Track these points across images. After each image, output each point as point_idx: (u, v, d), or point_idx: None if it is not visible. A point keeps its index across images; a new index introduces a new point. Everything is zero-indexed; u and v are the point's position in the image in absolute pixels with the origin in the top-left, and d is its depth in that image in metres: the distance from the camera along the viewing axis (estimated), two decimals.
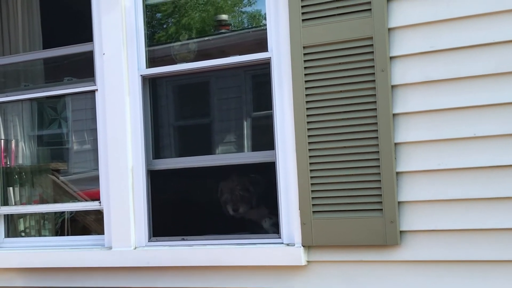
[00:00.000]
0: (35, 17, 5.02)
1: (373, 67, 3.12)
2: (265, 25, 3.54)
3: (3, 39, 4.91)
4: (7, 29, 4.94)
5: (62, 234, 5.53)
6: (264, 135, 3.74)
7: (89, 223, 5.42)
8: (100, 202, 3.89)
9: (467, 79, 2.98)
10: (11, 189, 4.80)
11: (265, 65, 3.51)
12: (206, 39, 4.97)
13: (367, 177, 3.13)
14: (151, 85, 3.88)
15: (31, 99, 4.80)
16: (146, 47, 3.82)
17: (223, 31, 5.07)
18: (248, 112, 5.19)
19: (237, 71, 4.54)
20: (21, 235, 4.92)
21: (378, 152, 3.11)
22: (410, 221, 3.08)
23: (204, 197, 4.27)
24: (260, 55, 3.53)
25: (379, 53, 3.11)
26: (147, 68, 3.81)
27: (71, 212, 5.55)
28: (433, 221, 3.04)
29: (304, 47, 3.26)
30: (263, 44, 3.53)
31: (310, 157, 3.24)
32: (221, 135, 5.27)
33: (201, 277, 3.55)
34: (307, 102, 3.25)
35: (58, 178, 5.60)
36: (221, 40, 5.03)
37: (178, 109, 5.21)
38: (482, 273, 2.96)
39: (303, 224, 3.26)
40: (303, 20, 3.27)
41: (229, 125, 5.31)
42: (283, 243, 3.40)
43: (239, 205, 4.05)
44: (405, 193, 3.09)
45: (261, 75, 3.90)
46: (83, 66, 4.13)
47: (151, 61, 3.89)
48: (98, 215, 4.92)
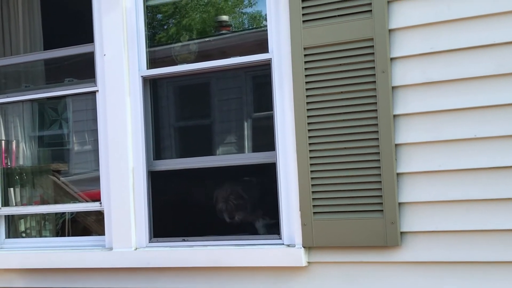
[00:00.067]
0: (36, 18, 5.02)
1: (374, 68, 3.12)
2: (265, 26, 3.54)
3: (4, 40, 4.91)
4: (8, 30, 4.95)
5: (62, 235, 5.52)
6: (264, 136, 3.74)
7: (89, 224, 5.42)
8: (100, 203, 3.90)
9: (467, 80, 2.98)
10: (12, 189, 4.80)
11: (266, 66, 3.52)
12: (206, 40, 4.96)
13: (367, 178, 3.13)
14: (152, 86, 3.88)
15: (32, 100, 4.81)
16: (146, 48, 3.83)
17: (223, 32, 5.07)
18: (248, 113, 5.18)
19: (237, 72, 4.53)
20: (21, 236, 4.92)
21: (378, 153, 3.11)
22: (410, 222, 3.08)
23: (204, 198, 4.27)
24: (260, 56, 3.53)
25: (379, 54, 3.11)
26: (147, 69, 3.81)
27: (72, 213, 5.55)
28: (434, 222, 3.04)
29: (304, 48, 3.26)
30: (263, 45, 3.53)
31: (310, 158, 3.25)
32: (222, 136, 5.27)
33: (202, 278, 3.55)
34: (308, 103, 3.25)
35: (58, 179, 5.60)
36: (222, 41, 5.03)
37: (178, 110, 5.21)
38: (482, 274, 2.96)
39: (303, 225, 3.26)
40: (304, 21, 3.27)
41: (230, 126, 5.30)
42: (283, 244, 3.40)
43: (235, 213, 4.04)
44: (405, 194, 3.09)
45: (261, 76, 3.90)
46: (84, 67, 4.13)
47: (152, 62, 3.89)
48: (98, 216, 4.92)
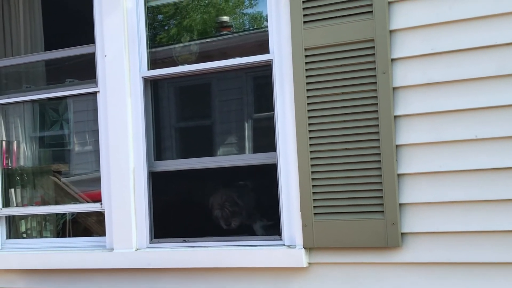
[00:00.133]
0: (37, 19, 5.02)
1: (375, 69, 3.12)
2: (266, 26, 3.54)
3: (5, 40, 4.92)
4: (9, 31, 4.95)
5: (63, 235, 5.52)
6: (265, 137, 3.73)
7: (90, 225, 5.42)
8: (101, 203, 3.90)
9: (468, 81, 2.98)
10: (13, 190, 4.80)
11: (267, 67, 3.52)
12: (207, 40, 4.96)
13: (368, 179, 3.13)
14: (153, 86, 3.88)
15: (32, 101, 4.81)
16: (147, 49, 3.83)
17: (224, 32, 5.07)
18: (249, 114, 5.18)
19: (238, 73, 4.53)
20: (22, 237, 4.92)
21: (379, 154, 3.11)
22: (411, 223, 3.08)
23: (205, 199, 4.27)
24: (261, 57, 3.53)
25: (380, 55, 3.11)
26: (148, 70, 3.82)
27: (73, 213, 5.55)
28: (434, 223, 3.04)
29: (305, 49, 3.27)
30: (264, 46, 3.53)
31: (311, 158, 3.25)
32: (223, 137, 5.27)
33: (202, 278, 3.55)
34: (309, 104, 3.25)
35: (59, 179, 5.60)
36: (223, 41, 5.02)
37: (179, 111, 5.20)
38: (483, 275, 2.96)
39: (304, 226, 3.26)
40: (305, 22, 3.27)
41: (231, 127, 5.30)
42: (284, 245, 3.40)
43: (235, 214, 4.04)
44: (406, 195, 3.09)
45: (262, 77, 3.90)
46: (85, 68, 4.13)
47: (153, 63, 3.89)
48: (99, 216, 4.92)
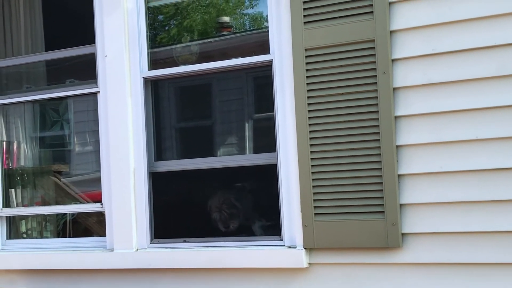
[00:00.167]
0: (37, 19, 5.02)
1: (375, 69, 3.12)
2: (267, 27, 3.54)
3: (6, 41, 4.91)
4: (9, 31, 4.95)
5: (64, 236, 5.52)
6: (265, 138, 3.73)
7: (91, 225, 5.42)
8: (102, 204, 3.90)
9: (468, 81, 2.98)
10: (13, 190, 4.80)
11: (267, 67, 3.52)
12: (208, 41, 4.96)
13: (368, 180, 3.13)
14: (153, 87, 3.88)
15: (33, 101, 4.80)
16: (148, 49, 3.83)
17: (225, 33, 5.07)
18: (249, 114, 5.18)
19: (239, 73, 4.53)
20: (22, 237, 4.92)
21: (380, 154, 3.11)
22: (411, 223, 3.08)
23: (205, 199, 4.26)
24: (262, 57, 3.53)
25: (381, 55, 3.11)
26: (149, 70, 3.82)
27: (73, 214, 5.55)
28: (435, 224, 3.04)
29: (306, 50, 3.27)
30: (265, 46, 3.53)
31: (311, 159, 3.25)
32: (223, 137, 5.27)
33: (203, 279, 3.55)
34: (309, 104, 3.25)
35: (60, 179, 5.59)
36: (223, 42, 5.02)
37: (180, 111, 5.20)
38: (483, 276, 2.96)
39: (304, 226, 3.26)
40: (305, 22, 3.27)
41: (231, 127, 5.30)
42: (284, 245, 3.40)
43: (236, 215, 4.04)
44: (406, 196, 3.09)
45: (263, 77, 3.90)
46: (85, 68, 4.13)
47: (153, 63, 3.89)
48: (100, 217, 4.92)
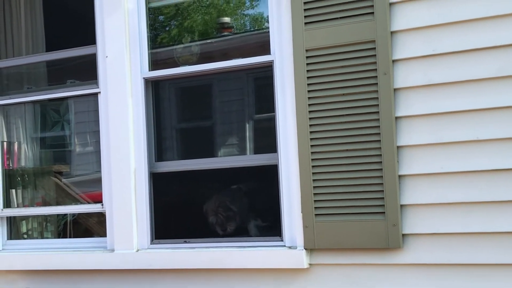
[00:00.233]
0: (38, 20, 5.02)
1: (376, 70, 3.12)
2: (267, 27, 3.54)
3: (7, 41, 4.92)
4: (10, 32, 4.95)
5: (64, 236, 5.53)
6: (266, 138, 3.74)
7: (91, 226, 5.42)
8: (102, 204, 3.90)
9: (469, 82, 2.98)
10: (14, 191, 4.80)
11: (268, 68, 3.52)
12: (208, 41, 4.97)
13: (369, 180, 3.13)
14: (154, 87, 3.88)
15: (34, 102, 4.80)
16: (149, 50, 3.83)
17: (225, 33, 5.07)
18: (250, 115, 5.19)
19: (239, 74, 4.54)
20: (23, 237, 4.92)
21: (380, 155, 3.11)
22: (412, 224, 3.08)
23: (206, 200, 4.27)
24: (262, 58, 3.53)
25: (381, 56, 3.11)
26: (149, 70, 3.82)
27: (74, 214, 5.55)
28: (435, 225, 3.04)
29: (306, 50, 3.27)
30: (265, 47, 3.53)
31: (312, 159, 3.25)
32: (224, 137, 5.28)
33: (203, 279, 3.55)
34: (310, 105, 3.25)
35: (60, 180, 5.60)
36: (224, 42, 5.03)
37: (180, 112, 5.21)
38: (483, 277, 2.96)
39: (305, 227, 3.26)
40: (306, 23, 3.27)
41: (232, 128, 5.31)
42: (285, 246, 3.40)
43: (236, 215, 4.04)
44: (407, 196, 3.09)
45: (263, 78, 3.90)
46: (86, 68, 4.14)
47: (154, 64, 3.89)
48: (100, 217, 4.92)
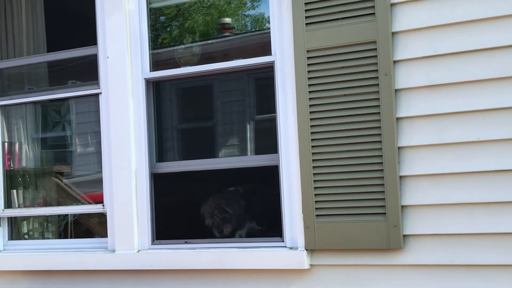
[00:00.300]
0: (39, 20, 5.02)
1: (377, 71, 3.12)
2: (268, 28, 3.54)
3: (8, 42, 4.92)
4: (11, 32, 4.95)
5: (65, 237, 5.53)
6: (267, 139, 3.74)
7: (92, 226, 5.43)
8: (103, 205, 3.90)
9: (470, 83, 2.98)
10: (15, 191, 4.80)
11: (269, 68, 3.52)
12: (209, 42, 4.97)
13: (370, 181, 3.13)
14: (155, 88, 3.88)
15: (35, 102, 4.80)
16: (150, 50, 3.83)
17: (226, 34, 5.08)
18: (251, 115, 5.19)
19: (240, 75, 4.54)
20: (24, 238, 4.92)
21: (381, 156, 3.11)
22: (413, 225, 3.08)
23: (207, 201, 4.27)
24: (263, 59, 3.53)
25: (382, 57, 3.11)
26: (150, 71, 3.82)
27: (75, 215, 5.55)
28: (437, 225, 3.03)
29: (307, 51, 3.26)
30: (266, 47, 3.53)
31: (313, 160, 3.25)
32: (225, 138, 5.27)
33: (204, 280, 3.54)
34: (311, 105, 3.25)
35: (61, 180, 5.60)
36: (225, 43, 5.03)
37: (181, 112, 5.21)
38: (485, 278, 2.95)
39: (306, 227, 3.26)
40: (307, 24, 3.27)
41: (233, 129, 5.31)
42: (286, 246, 3.40)
43: (236, 216, 4.04)
44: (408, 197, 3.08)
45: (264, 79, 3.90)
46: (87, 69, 4.14)
47: (155, 64, 3.89)
48: (101, 218, 4.92)
